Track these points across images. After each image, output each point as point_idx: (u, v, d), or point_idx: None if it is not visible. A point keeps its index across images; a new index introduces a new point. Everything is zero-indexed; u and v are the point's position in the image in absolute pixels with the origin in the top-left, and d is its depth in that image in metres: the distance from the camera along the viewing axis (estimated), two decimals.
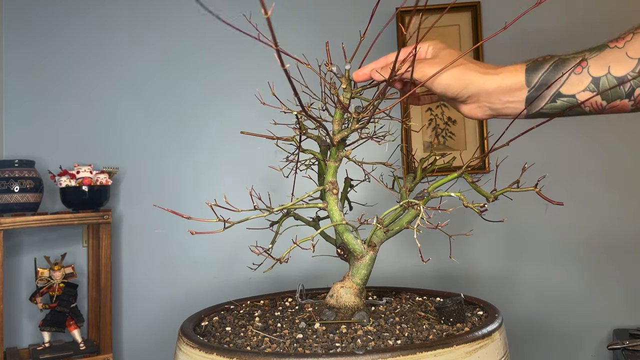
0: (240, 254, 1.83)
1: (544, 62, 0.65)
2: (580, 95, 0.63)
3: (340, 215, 0.75)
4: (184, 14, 1.90)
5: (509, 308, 1.74)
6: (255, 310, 0.88)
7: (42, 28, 1.88)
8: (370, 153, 0.98)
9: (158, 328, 1.83)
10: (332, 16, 1.88)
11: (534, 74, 0.65)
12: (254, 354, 0.61)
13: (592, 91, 0.62)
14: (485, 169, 1.75)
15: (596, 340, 1.76)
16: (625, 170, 1.77)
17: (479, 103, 0.69)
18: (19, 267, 1.82)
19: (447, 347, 0.61)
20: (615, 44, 0.62)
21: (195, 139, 1.88)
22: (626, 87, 0.60)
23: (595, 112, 0.64)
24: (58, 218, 1.62)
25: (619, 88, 0.61)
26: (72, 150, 1.85)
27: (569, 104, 0.64)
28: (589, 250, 1.77)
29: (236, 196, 0.74)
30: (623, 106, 0.62)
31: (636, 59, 0.60)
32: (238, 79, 1.88)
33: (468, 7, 1.82)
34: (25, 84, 1.87)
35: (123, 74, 1.89)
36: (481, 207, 0.73)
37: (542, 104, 0.65)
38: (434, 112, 1.82)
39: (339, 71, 0.74)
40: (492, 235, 1.80)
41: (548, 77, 0.64)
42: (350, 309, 0.76)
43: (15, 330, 1.79)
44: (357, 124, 0.72)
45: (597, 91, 0.61)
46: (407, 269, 1.79)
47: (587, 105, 0.63)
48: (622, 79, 0.60)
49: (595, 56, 0.62)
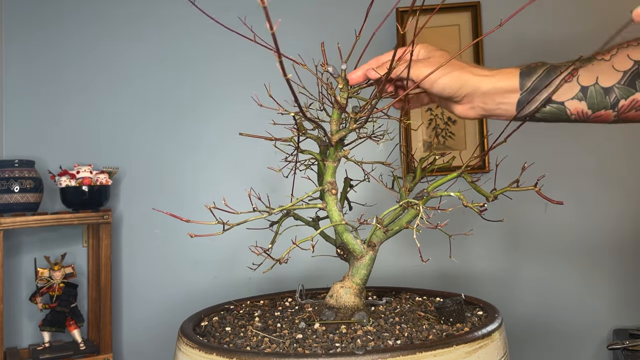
0: (240, 254, 1.83)
1: (537, 68, 0.68)
2: (568, 103, 0.66)
3: (339, 216, 0.75)
4: (185, 13, 1.90)
5: (509, 308, 1.74)
6: (255, 311, 0.88)
7: (41, 25, 1.88)
8: (369, 153, 0.98)
9: (158, 328, 1.83)
10: (329, 16, 1.88)
11: (527, 78, 0.68)
12: (253, 354, 0.61)
13: (579, 100, 0.65)
14: (485, 168, 1.75)
15: (596, 340, 1.76)
16: (626, 169, 1.77)
17: (473, 103, 0.70)
18: (19, 267, 1.82)
19: (447, 347, 0.61)
20: (602, 56, 0.65)
21: (194, 139, 1.88)
22: (612, 98, 0.64)
23: (580, 120, 0.67)
24: (58, 218, 1.62)
25: (604, 98, 0.64)
26: (72, 150, 1.85)
27: (557, 110, 0.67)
28: (589, 249, 1.77)
29: (235, 196, 0.74)
30: (607, 116, 0.66)
31: (621, 72, 0.63)
32: (238, 78, 1.88)
33: (468, 7, 1.81)
34: (25, 83, 1.87)
35: (123, 73, 1.89)
36: (481, 207, 0.73)
37: (532, 108, 0.68)
38: (434, 112, 1.82)
39: (335, 71, 0.74)
40: (492, 235, 1.80)
41: (541, 82, 0.67)
42: (350, 309, 0.76)
43: (15, 330, 1.79)
44: (354, 124, 0.72)
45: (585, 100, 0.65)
46: (407, 269, 1.79)
47: (574, 114, 0.66)
48: (609, 90, 0.64)
49: (584, 67, 0.65)
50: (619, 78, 0.64)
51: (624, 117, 0.65)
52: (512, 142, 0.72)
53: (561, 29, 1.79)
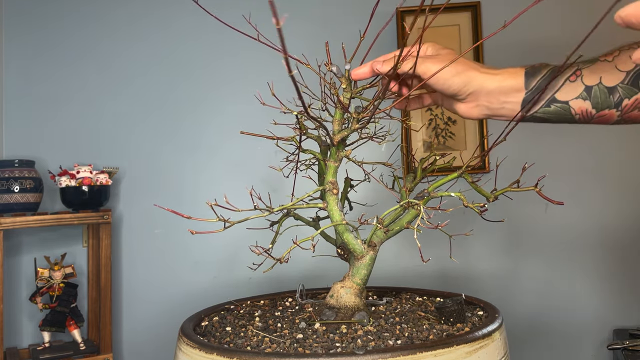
0: (240, 254, 1.83)
1: (542, 68, 0.68)
2: (573, 102, 0.67)
3: (340, 215, 0.75)
4: (185, 13, 1.90)
5: (509, 308, 1.74)
6: (256, 310, 0.88)
7: (41, 24, 1.88)
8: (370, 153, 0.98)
9: (158, 328, 1.83)
10: (332, 16, 1.88)
11: (532, 77, 0.68)
12: (254, 354, 0.61)
13: (584, 99, 0.66)
14: (485, 168, 1.75)
15: (596, 340, 1.76)
16: (626, 169, 1.77)
17: (477, 102, 0.70)
18: (19, 267, 1.82)
19: (447, 347, 0.61)
20: (605, 57, 0.66)
21: (194, 139, 1.88)
22: (615, 97, 0.65)
23: (583, 120, 0.68)
24: (58, 218, 1.62)
25: (608, 97, 0.65)
26: (72, 150, 1.85)
27: (562, 109, 0.67)
28: (589, 249, 1.77)
29: (236, 196, 0.74)
30: (610, 116, 0.66)
31: (625, 72, 0.64)
32: (238, 78, 1.88)
33: (468, 7, 1.81)
34: (25, 83, 1.87)
35: (123, 73, 1.89)
36: (481, 207, 0.73)
37: (537, 108, 0.68)
38: (434, 112, 1.82)
39: (339, 71, 0.74)
40: (493, 235, 1.80)
41: (545, 82, 0.67)
42: (351, 309, 0.76)
43: (15, 330, 1.79)
44: (357, 124, 0.72)
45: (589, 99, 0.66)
46: (407, 269, 1.79)
47: (578, 113, 0.67)
48: (612, 89, 0.65)
49: (588, 67, 0.66)
50: (622, 78, 0.64)
51: (627, 117, 0.66)
52: (513, 143, 0.72)
53: (562, 30, 1.79)
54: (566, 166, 1.78)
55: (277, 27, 0.38)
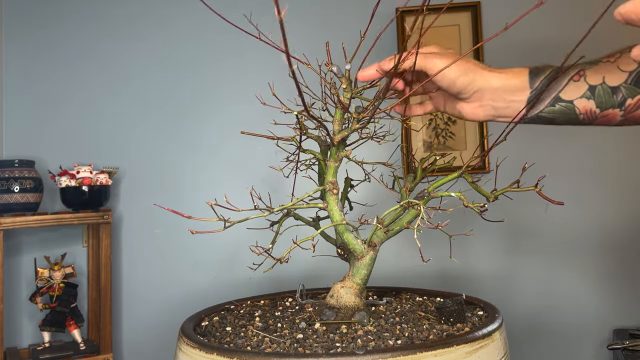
0: (240, 254, 1.83)
1: (545, 68, 0.69)
2: (577, 101, 0.67)
3: (340, 215, 0.75)
4: (185, 13, 1.90)
5: (509, 308, 1.74)
6: (256, 310, 0.88)
7: (41, 24, 1.88)
8: (370, 153, 0.98)
9: (158, 328, 1.83)
10: (332, 16, 1.88)
11: (536, 77, 0.69)
12: (254, 354, 0.61)
13: (588, 98, 0.67)
14: (486, 169, 1.75)
15: (596, 340, 1.76)
16: (625, 170, 1.77)
17: (483, 101, 0.70)
18: (19, 267, 1.82)
19: (447, 347, 0.61)
20: (607, 59, 0.67)
21: (195, 139, 1.88)
22: (619, 97, 0.65)
23: (588, 120, 0.68)
24: (58, 218, 1.62)
25: (612, 97, 0.66)
26: (72, 150, 1.85)
27: (566, 108, 0.68)
28: (589, 250, 1.77)
29: (236, 196, 0.74)
30: (613, 116, 0.67)
31: (627, 72, 0.65)
32: (239, 77, 1.88)
33: (468, 7, 1.81)
34: (25, 83, 1.87)
35: (123, 73, 1.89)
36: (481, 207, 0.73)
37: (541, 107, 0.69)
38: (434, 112, 1.82)
39: (339, 71, 0.74)
40: (493, 235, 1.80)
41: (549, 82, 0.68)
42: (351, 309, 0.76)
43: (15, 330, 1.79)
44: (357, 124, 0.72)
45: (593, 98, 0.66)
46: (407, 269, 1.79)
47: (582, 112, 0.68)
48: (616, 89, 0.66)
49: (591, 68, 0.67)
50: (625, 78, 0.65)
51: (630, 117, 0.66)
52: (513, 143, 0.72)
53: (562, 31, 1.79)
54: (566, 166, 1.78)
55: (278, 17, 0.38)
